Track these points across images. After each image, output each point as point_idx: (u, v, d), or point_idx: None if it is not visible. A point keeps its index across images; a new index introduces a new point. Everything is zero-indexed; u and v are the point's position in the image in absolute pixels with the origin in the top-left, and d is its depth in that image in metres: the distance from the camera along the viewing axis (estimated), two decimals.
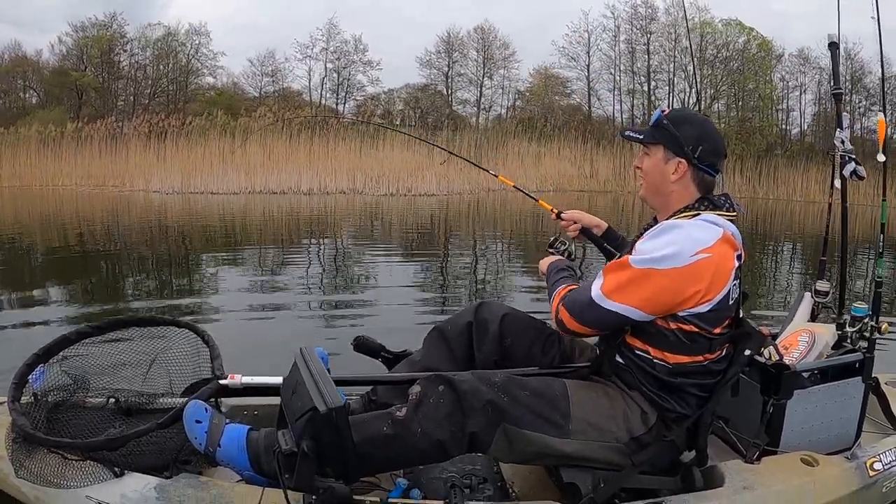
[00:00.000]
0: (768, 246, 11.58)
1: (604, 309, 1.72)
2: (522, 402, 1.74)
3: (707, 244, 1.68)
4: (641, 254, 1.70)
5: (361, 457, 1.68)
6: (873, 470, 2.13)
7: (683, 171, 1.82)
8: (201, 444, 1.79)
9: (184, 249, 9.39)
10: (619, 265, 1.73)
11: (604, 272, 1.76)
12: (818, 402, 2.22)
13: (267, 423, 2.01)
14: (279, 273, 7.56)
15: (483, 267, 8.46)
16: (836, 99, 2.61)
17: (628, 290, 1.69)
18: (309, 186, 17.83)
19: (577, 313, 1.77)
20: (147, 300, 6.00)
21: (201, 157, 18.70)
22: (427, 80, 29.97)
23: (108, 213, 13.49)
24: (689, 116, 1.89)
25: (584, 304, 1.75)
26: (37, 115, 23.34)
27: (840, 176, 2.50)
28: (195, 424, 1.80)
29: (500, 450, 1.75)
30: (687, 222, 1.75)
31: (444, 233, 11.74)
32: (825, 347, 2.41)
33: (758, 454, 2.03)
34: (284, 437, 1.66)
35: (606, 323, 1.76)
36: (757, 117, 26.57)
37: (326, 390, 1.64)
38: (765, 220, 16.58)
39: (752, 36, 26.86)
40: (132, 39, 27.95)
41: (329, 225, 12.60)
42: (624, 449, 1.78)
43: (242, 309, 5.58)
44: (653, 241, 1.72)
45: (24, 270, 7.58)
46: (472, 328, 2.12)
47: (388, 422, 1.73)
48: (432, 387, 1.75)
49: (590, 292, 1.74)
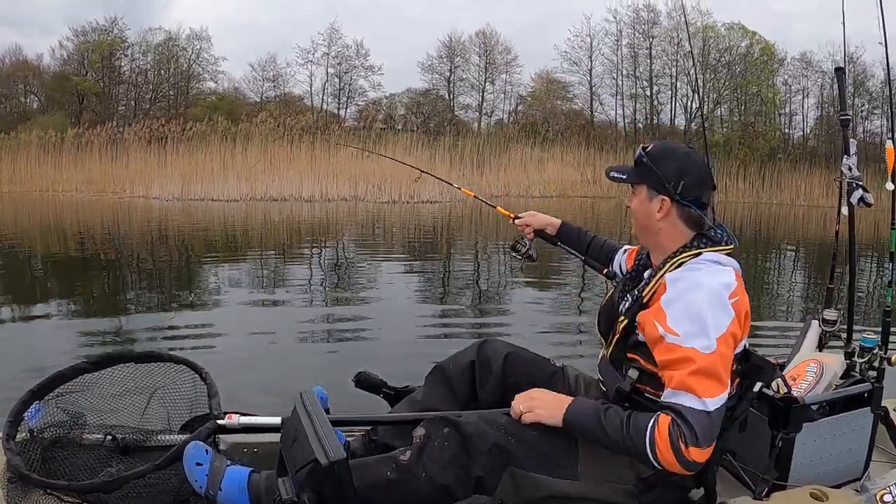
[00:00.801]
0: (771, 252, 11.52)
1: (720, 409, 1.60)
2: (529, 443, 1.70)
3: (732, 287, 1.66)
4: (694, 334, 1.60)
5: (364, 501, 1.64)
6: (883, 502, 2.10)
7: (668, 208, 1.77)
8: (202, 486, 1.73)
9: (184, 257, 9.35)
10: (695, 366, 1.59)
11: (685, 379, 1.59)
12: (827, 434, 2.18)
13: (266, 461, 1.98)
14: (279, 283, 7.51)
15: (485, 276, 8.43)
16: (842, 125, 2.56)
17: (721, 374, 1.60)
18: (310, 193, 17.81)
19: (708, 439, 1.59)
20: (145, 310, 5.94)
21: (202, 164, 18.67)
22: (429, 85, 30.02)
23: (108, 220, 13.49)
24: (669, 151, 1.83)
25: (706, 423, 1.58)
26: (37, 121, 23.38)
27: (847, 203, 2.46)
28: (196, 467, 1.75)
29: (506, 493, 1.69)
30: (696, 272, 1.69)
31: (445, 240, 11.70)
32: (833, 377, 2.35)
33: (767, 489, 2.00)
34: (285, 485, 1.65)
35: (720, 422, 1.64)
36: (760, 122, 26.56)
37: (328, 441, 1.61)
38: (768, 224, 16.54)
39: (754, 40, 26.88)
40: (133, 44, 28.07)
41: (330, 232, 12.55)
42: (633, 490, 1.73)
43: (242, 322, 5.51)
44: (688, 313, 1.62)
45: (24, 276, 7.55)
46: (474, 367, 2.08)
47: (392, 466, 1.69)
48: (437, 429, 1.71)
49: (699, 407, 1.57)
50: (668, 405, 1.60)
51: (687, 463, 1.57)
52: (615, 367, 1.86)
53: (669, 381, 1.62)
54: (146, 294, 6.84)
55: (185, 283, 7.64)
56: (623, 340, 1.81)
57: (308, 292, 7.03)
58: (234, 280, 7.65)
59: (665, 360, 1.64)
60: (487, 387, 2.05)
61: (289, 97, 29.03)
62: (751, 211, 19.70)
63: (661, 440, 1.57)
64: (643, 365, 1.73)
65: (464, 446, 1.67)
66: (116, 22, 27.68)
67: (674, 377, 1.60)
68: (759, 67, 26.86)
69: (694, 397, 1.57)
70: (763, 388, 1.85)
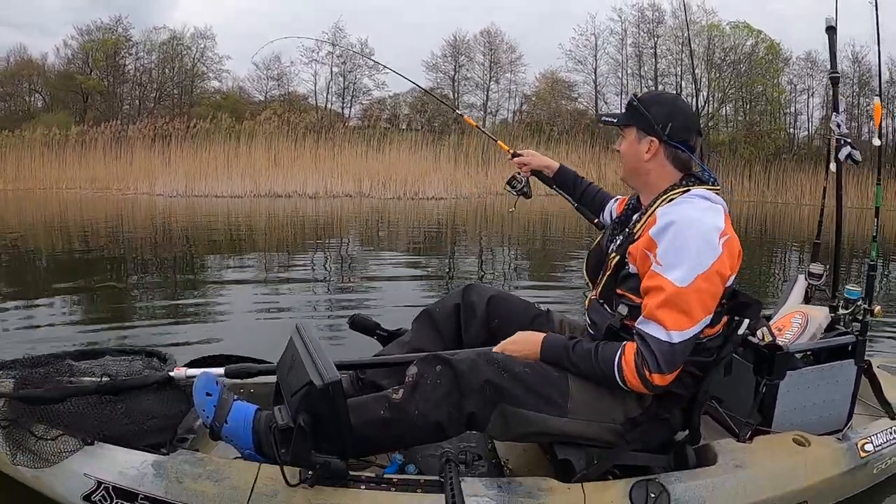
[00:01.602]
0: (776, 252, 11.41)
1: (686, 342, 1.69)
2: (522, 378, 1.74)
3: (722, 227, 1.70)
4: (674, 266, 1.66)
5: (359, 439, 1.71)
6: (864, 451, 2.17)
7: (655, 149, 1.84)
8: (209, 416, 1.78)
9: (188, 253, 9.30)
10: (664, 295, 1.66)
11: (655, 310, 1.68)
12: (810, 383, 2.24)
13: (262, 401, 2.01)
14: (283, 279, 7.42)
15: (490, 274, 8.30)
16: (832, 83, 2.61)
17: (692, 309, 1.67)
18: (314, 190, 17.69)
19: (670, 366, 1.69)
20: (149, 305, 5.89)
21: (206, 161, 18.62)
22: (433, 84, 29.90)
23: (113, 217, 13.42)
24: (659, 97, 1.93)
25: (668, 353, 1.67)
26: (42, 119, 23.34)
27: (835, 159, 2.50)
28: (205, 397, 1.80)
29: (496, 429, 1.77)
30: (687, 206, 1.74)
31: (451, 238, 11.60)
32: (818, 329, 2.42)
33: (750, 433, 2.06)
34: (281, 412, 1.71)
35: (688, 353, 1.72)
36: (765, 121, 26.40)
37: (323, 365, 1.66)
38: (773, 224, 16.42)
39: (760, 38, 26.71)
40: (137, 43, 27.98)
41: (335, 229, 12.48)
42: (619, 429, 1.80)
43: (246, 315, 5.44)
44: (674, 245, 1.68)
45: (28, 273, 7.51)
46: (459, 310, 2.15)
47: (385, 405, 1.75)
48: (429, 367, 1.76)
49: (662, 338, 1.67)
50: (638, 332, 1.71)
51: (652, 387, 1.70)
52: (605, 304, 1.90)
53: (644, 308, 1.71)
54: (150, 289, 6.78)
55: (189, 276, 7.58)
56: (614, 277, 1.86)
57: (312, 286, 6.96)
58: (238, 273, 7.58)
59: (645, 287, 1.72)
60: (472, 329, 2.12)
61: (293, 96, 28.95)
62: (756, 210, 19.55)
63: (627, 367, 1.70)
64: (632, 299, 1.78)
65: (456, 383, 1.72)
66: (121, 21, 27.67)
67: (647, 305, 1.70)
68: (764, 66, 26.67)
69: (660, 328, 1.66)
70: (748, 336, 1.91)
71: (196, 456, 1.81)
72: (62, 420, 1.81)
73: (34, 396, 1.81)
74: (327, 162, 19.03)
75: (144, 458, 1.78)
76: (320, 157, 19.24)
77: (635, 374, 1.69)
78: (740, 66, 26.89)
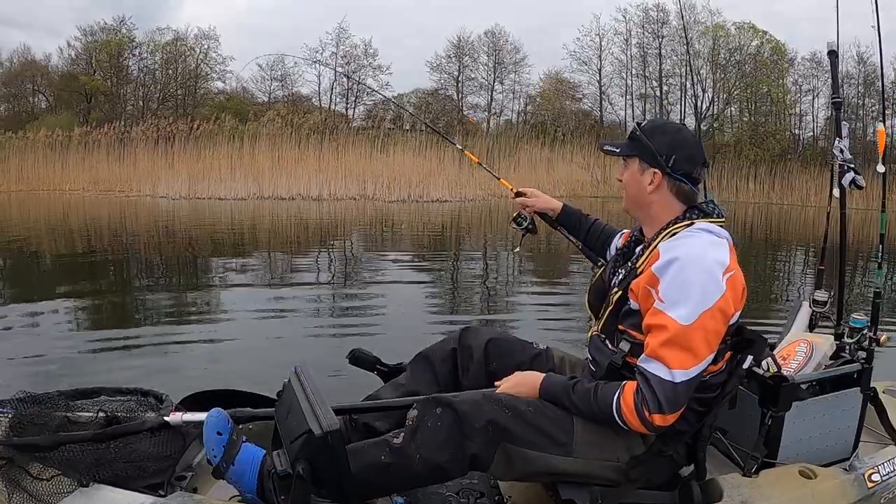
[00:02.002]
0: (780, 253, 11.33)
1: (690, 381, 1.64)
2: (526, 417, 1.72)
3: (727, 262, 1.67)
4: (677, 303, 1.62)
5: (360, 484, 1.70)
6: (871, 481, 2.13)
7: (659, 181, 1.79)
8: (216, 456, 1.74)
9: (191, 257, 9.25)
10: (667, 335, 1.62)
11: (657, 349, 1.64)
12: (816, 413, 2.21)
13: (261, 439, 2.00)
14: (287, 282, 7.39)
15: (493, 279, 8.25)
16: (835, 107, 2.58)
17: (696, 348, 1.62)
18: (318, 192, 17.64)
19: (672, 407, 1.64)
20: (151, 307, 5.84)
21: (209, 163, 18.59)
22: (437, 85, 29.85)
23: (115, 219, 13.40)
24: (663, 126, 1.88)
25: (670, 392, 1.63)
26: (45, 120, 23.33)
27: (839, 185, 2.49)
28: (216, 436, 1.76)
29: (499, 469, 1.74)
30: (691, 241, 1.70)
31: (455, 241, 11.55)
32: (823, 358, 2.38)
33: (756, 467, 2.02)
34: (280, 457, 1.70)
35: (691, 392, 1.68)
36: (770, 122, 26.29)
37: (322, 412, 1.65)
38: (779, 226, 16.35)
39: (765, 39, 26.60)
40: (141, 44, 27.97)
41: (339, 231, 12.42)
42: (623, 468, 1.76)
43: (249, 319, 5.42)
44: (677, 281, 1.64)
45: (31, 275, 7.49)
46: (456, 355, 2.11)
47: (386, 449, 1.72)
48: (429, 410, 1.73)
49: (665, 377, 1.62)
50: (640, 370, 1.67)
51: (653, 427, 1.65)
52: (607, 340, 1.85)
53: (646, 347, 1.67)
54: (152, 291, 6.74)
55: (192, 279, 7.54)
56: (615, 312, 1.82)
57: (316, 290, 6.90)
58: (241, 277, 7.53)
59: (647, 324, 1.68)
60: (470, 373, 2.08)
61: (297, 97, 28.91)
62: (762, 212, 19.49)
63: (626, 408, 1.65)
64: (634, 336, 1.74)
65: (458, 424, 1.68)
66: (124, 21, 27.67)
67: (649, 344, 1.65)
68: (769, 67, 26.57)
69: (663, 367, 1.62)
70: (753, 367, 1.89)
71: (194, 499, 1.79)
72: (57, 461, 1.76)
73: (29, 444, 1.78)
74: (331, 164, 18.98)
75: (142, 500, 1.75)
76: (324, 159, 19.19)
77: (635, 414, 1.64)
78: (745, 67, 26.78)
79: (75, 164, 19.60)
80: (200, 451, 1.99)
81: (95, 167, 19.49)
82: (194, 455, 2.02)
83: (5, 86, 27.67)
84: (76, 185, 19.10)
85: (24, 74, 27.59)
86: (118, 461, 1.81)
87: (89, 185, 18.94)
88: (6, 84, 27.64)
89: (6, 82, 27.62)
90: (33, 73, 27.72)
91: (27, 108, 27.54)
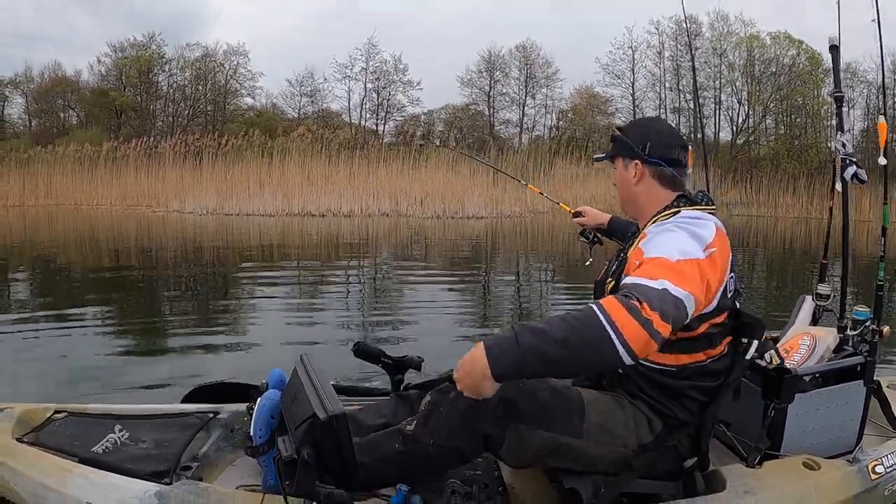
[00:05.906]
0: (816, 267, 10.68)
1: (681, 298, 1.46)
2: (539, 397, 1.71)
3: (709, 239, 1.64)
4: (657, 247, 1.59)
5: (374, 475, 1.73)
6: (875, 473, 2.13)
7: (641, 171, 1.84)
8: (262, 437, 1.80)
9: (220, 272, 9.09)
10: (651, 262, 1.54)
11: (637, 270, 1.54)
12: (819, 405, 2.23)
13: None
14: (316, 301, 7.13)
15: (527, 298, 7.83)
16: (836, 102, 2.59)
17: (685, 272, 1.52)
18: (350, 208, 17.21)
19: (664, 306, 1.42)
20: (180, 324, 5.73)
21: (238, 178, 18.40)
22: (468, 100, 29.42)
23: (142, 234, 13.25)
24: (637, 121, 2.04)
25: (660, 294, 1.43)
26: (75, 135, 23.39)
27: (841, 179, 2.48)
28: (269, 419, 1.82)
29: (511, 449, 1.72)
30: (676, 221, 1.70)
31: (490, 259, 11.15)
32: (826, 351, 2.40)
33: (759, 458, 2.03)
34: (284, 443, 1.68)
35: (684, 320, 1.50)
36: (807, 134, 25.48)
37: (327, 397, 1.65)
38: (818, 241, 15.70)
39: (801, 49, 25.81)
40: (170, 60, 28.00)
41: (370, 249, 12.02)
42: (629, 455, 1.77)
43: (277, 339, 5.21)
44: (657, 238, 1.64)
45: (61, 289, 7.59)
46: None
47: (399, 438, 1.74)
48: (444, 396, 1.74)
49: (653, 285, 1.45)
50: (622, 287, 1.52)
51: (653, 330, 1.39)
52: None
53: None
54: (180, 305, 6.70)
55: (220, 296, 7.38)
56: None
57: (346, 310, 6.61)
58: (270, 295, 7.26)
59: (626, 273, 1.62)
60: None
61: (327, 113, 28.68)
62: (801, 226, 18.76)
63: (616, 313, 1.39)
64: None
65: (472, 404, 1.62)
66: (154, 38, 27.73)
67: (630, 274, 1.56)
68: (804, 78, 25.78)
69: (649, 280, 1.48)
70: (756, 359, 1.90)
71: (199, 486, 1.80)
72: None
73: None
74: (362, 180, 18.59)
75: (147, 487, 1.77)
76: (355, 175, 18.82)
77: (629, 316, 1.37)
78: (780, 78, 26.00)
79: (103, 178, 19.61)
80: (206, 442, 2.10)
81: (123, 182, 19.45)
82: (200, 446, 2.10)
83: (36, 101, 27.84)
84: (104, 199, 19.08)
85: (54, 90, 27.80)
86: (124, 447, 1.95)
87: (117, 200, 18.90)
88: (37, 100, 27.81)
89: (37, 98, 27.79)
90: (64, 89, 27.89)
91: (58, 124, 27.67)
